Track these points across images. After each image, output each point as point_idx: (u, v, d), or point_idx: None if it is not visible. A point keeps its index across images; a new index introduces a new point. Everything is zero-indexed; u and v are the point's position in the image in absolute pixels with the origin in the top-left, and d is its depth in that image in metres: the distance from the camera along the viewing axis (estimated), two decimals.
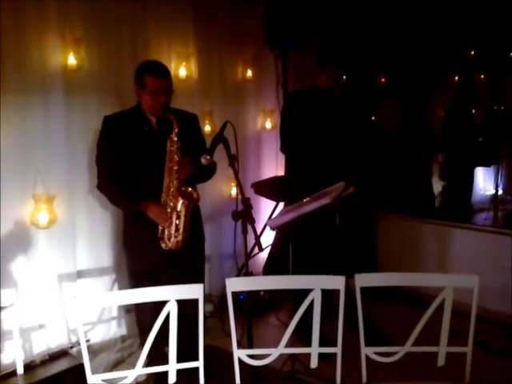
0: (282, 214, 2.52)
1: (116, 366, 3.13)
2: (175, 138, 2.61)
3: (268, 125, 4.44)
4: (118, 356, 3.22)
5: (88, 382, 1.77)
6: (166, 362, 1.86)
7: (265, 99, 4.37)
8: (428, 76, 5.14)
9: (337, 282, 1.88)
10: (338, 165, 3.10)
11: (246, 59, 4.14)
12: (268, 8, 3.91)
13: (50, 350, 3.01)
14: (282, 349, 1.90)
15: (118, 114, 2.77)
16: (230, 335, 1.93)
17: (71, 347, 3.08)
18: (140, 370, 1.83)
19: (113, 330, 3.38)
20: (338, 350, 1.90)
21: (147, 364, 1.87)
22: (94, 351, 3.19)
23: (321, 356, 1.93)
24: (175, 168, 2.60)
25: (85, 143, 3.12)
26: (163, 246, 2.64)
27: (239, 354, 1.90)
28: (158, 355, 2.08)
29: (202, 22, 3.70)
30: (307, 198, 2.43)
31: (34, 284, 2.98)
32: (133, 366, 1.86)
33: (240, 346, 1.97)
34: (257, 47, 4.15)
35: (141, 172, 2.66)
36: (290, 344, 1.92)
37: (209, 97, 3.85)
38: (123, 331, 3.41)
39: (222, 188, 4.14)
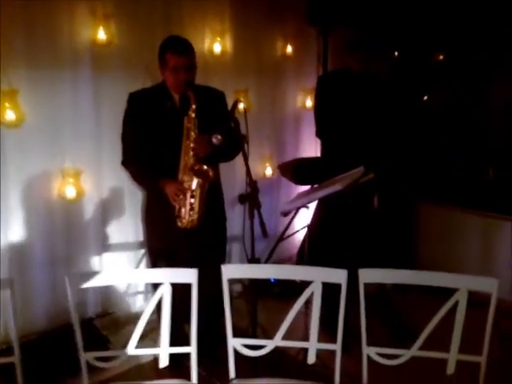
0: (294, 199, 2.41)
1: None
2: (193, 115, 2.54)
3: (309, 103, 4.28)
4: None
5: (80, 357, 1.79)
6: (184, 341, 1.84)
7: (305, 77, 4.20)
8: (493, 56, 4.74)
9: (339, 276, 1.76)
10: (373, 150, 2.93)
11: (286, 35, 3.98)
12: None
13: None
14: (278, 341, 1.82)
15: (142, 91, 2.74)
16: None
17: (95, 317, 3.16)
18: (133, 351, 1.82)
19: (139, 303, 3.43)
20: (337, 347, 1.80)
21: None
22: (119, 324, 3.26)
23: (344, 348, 1.84)
24: (192, 145, 2.55)
25: (113, 119, 3.09)
26: (179, 224, 2.62)
27: (234, 343, 1.85)
28: (177, 333, 2.07)
29: None
30: (322, 184, 2.30)
31: None
32: (154, 341, 1.83)
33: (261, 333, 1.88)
34: (298, 22, 3.98)
35: (162, 150, 2.63)
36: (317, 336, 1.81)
37: (244, 74, 3.75)
38: None
39: (256, 167, 4.05)
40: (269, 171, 4.10)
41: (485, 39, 4.58)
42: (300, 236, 4.11)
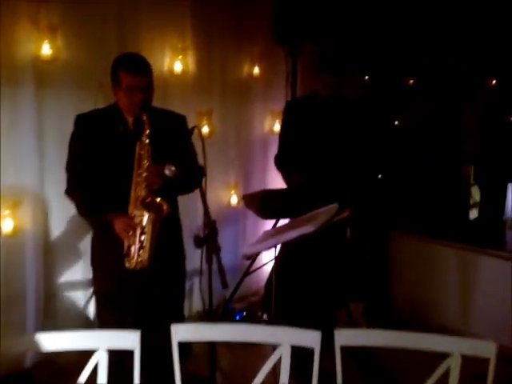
0: (260, 239, 2.13)
1: None
2: (146, 141, 2.27)
3: (277, 127, 4.04)
4: None
5: None
6: None
7: (274, 99, 3.98)
8: (462, 77, 4.66)
9: (310, 339, 1.47)
10: (341, 181, 2.72)
11: (253, 54, 3.76)
12: None
13: None
14: None
15: (91, 113, 2.47)
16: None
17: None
18: None
19: None
20: None
21: None
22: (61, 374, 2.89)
23: None
24: (144, 175, 2.25)
25: (58, 143, 2.80)
26: (127, 264, 2.30)
27: None
28: None
29: (201, 11, 3.34)
30: (291, 222, 2.05)
31: None
32: None
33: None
34: (265, 42, 3.76)
35: (112, 179, 2.34)
36: None
37: (207, 95, 3.50)
38: None
39: (220, 195, 3.79)
40: (234, 200, 3.83)
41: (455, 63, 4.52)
42: (268, 268, 3.85)
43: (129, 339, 1.47)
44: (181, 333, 1.50)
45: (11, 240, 2.71)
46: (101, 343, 1.48)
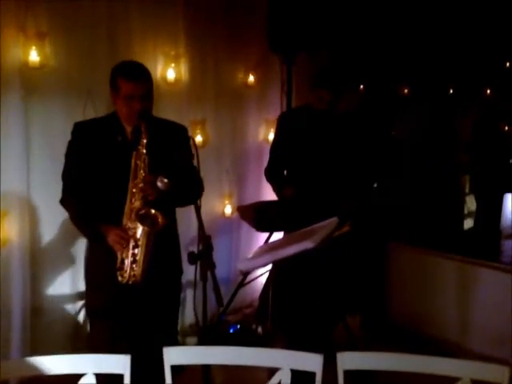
0: (257, 254, 2.04)
1: None
2: (143, 151, 2.19)
3: (271, 136, 3.97)
4: None
5: None
6: None
7: (268, 108, 3.92)
8: (457, 87, 4.64)
9: (312, 362, 1.39)
10: (336, 192, 2.66)
11: (248, 62, 3.69)
12: (270, 3, 3.44)
13: None
14: None
15: (89, 121, 2.41)
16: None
17: None
18: None
19: None
20: None
21: None
22: None
23: None
24: (140, 186, 2.17)
25: (47, 152, 2.71)
26: (119, 278, 2.21)
27: None
28: None
29: (194, 18, 3.27)
30: (288, 236, 1.97)
31: None
32: None
33: None
34: (260, 50, 3.69)
35: (109, 189, 2.26)
36: None
37: (201, 104, 3.42)
38: None
39: (214, 206, 3.70)
40: (228, 210, 3.75)
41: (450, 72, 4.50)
42: (262, 279, 3.76)
43: (119, 363, 1.38)
44: (174, 356, 1.41)
45: None
46: (89, 367, 1.38)
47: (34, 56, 2.59)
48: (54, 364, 1.42)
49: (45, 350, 2.71)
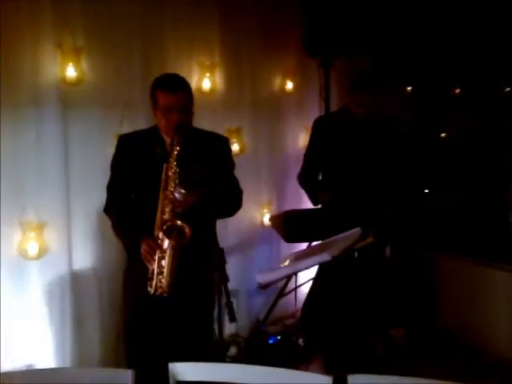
0: (275, 267, 1.98)
1: None
2: (174, 163, 2.20)
3: None
4: None
5: None
6: None
7: (307, 114, 3.83)
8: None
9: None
10: (373, 198, 2.55)
11: (284, 68, 3.64)
12: (306, 8, 3.38)
13: None
14: None
15: (132, 134, 2.47)
16: None
17: None
18: None
19: None
20: None
21: None
22: None
23: None
24: (170, 197, 2.17)
25: (84, 165, 2.77)
26: (149, 289, 2.23)
27: None
28: None
29: (229, 26, 3.26)
30: (312, 247, 1.89)
31: (24, 320, 2.66)
32: None
33: None
34: (297, 55, 3.64)
35: (148, 200, 2.27)
36: None
37: (237, 112, 3.41)
38: None
39: (253, 215, 3.66)
40: (267, 219, 3.69)
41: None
42: (305, 289, 3.66)
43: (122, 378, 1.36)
44: (180, 372, 1.37)
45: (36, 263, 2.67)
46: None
47: (71, 72, 2.65)
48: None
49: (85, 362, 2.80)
